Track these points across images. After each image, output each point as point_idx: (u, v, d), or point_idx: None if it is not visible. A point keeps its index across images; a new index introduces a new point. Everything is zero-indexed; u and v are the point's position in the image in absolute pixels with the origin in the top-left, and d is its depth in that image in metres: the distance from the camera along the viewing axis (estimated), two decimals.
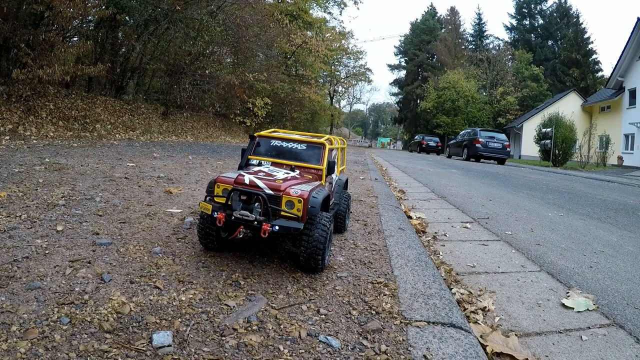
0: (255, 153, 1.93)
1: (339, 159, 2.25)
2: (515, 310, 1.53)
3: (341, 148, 2.39)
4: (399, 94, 52.19)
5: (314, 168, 1.84)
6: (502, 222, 3.17)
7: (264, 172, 1.63)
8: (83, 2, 7.66)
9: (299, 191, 1.47)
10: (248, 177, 1.52)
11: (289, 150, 1.90)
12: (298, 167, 1.83)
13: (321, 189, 1.63)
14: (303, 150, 1.90)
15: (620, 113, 22.34)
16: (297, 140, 1.94)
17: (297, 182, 1.58)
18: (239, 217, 1.44)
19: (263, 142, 1.95)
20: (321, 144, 1.89)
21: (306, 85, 22.98)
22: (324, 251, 1.50)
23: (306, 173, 1.80)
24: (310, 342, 1.07)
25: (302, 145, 1.91)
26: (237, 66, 15.65)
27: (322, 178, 1.81)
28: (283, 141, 1.94)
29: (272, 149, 1.93)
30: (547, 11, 43.76)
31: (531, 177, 8.69)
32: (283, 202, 1.46)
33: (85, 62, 9.18)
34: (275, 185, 1.48)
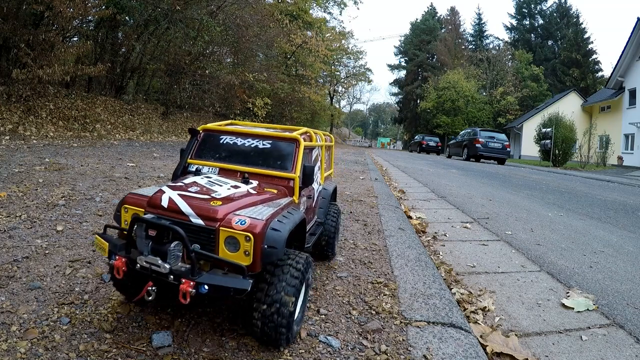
0: (198, 155, 1.38)
1: (324, 162, 1.74)
2: (515, 310, 1.53)
3: (327, 147, 1.88)
4: (399, 94, 52.17)
5: (282, 177, 1.27)
6: (502, 222, 3.17)
7: (199, 185, 1.11)
8: (83, 2, 7.66)
9: (247, 220, 0.94)
10: (169, 195, 1.02)
11: (246, 151, 1.35)
12: (257, 176, 1.27)
13: (290, 213, 1.10)
14: (267, 150, 1.33)
15: (620, 113, 22.33)
16: (258, 136, 1.37)
17: (249, 203, 1.06)
18: (145, 267, 0.91)
19: (210, 139, 1.41)
20: (294, 140, 1.34)
21: (306, 85, 22.98)
22: (292, 316, 0.98)
23: (270, 185, 1.25)
24: (310, 342, 1.07)
25: (265, 143, 1.35)
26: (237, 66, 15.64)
27: (295, 192, 1.25)
28: (238, 137, 1.38)
29: (223, 148, 1.37)
30: (547, 11, 43.76)
31: (531, 177, 8.69)
32: (221, 240, 0.94)
33: (85, 62, 9.17)
34: (209, 210, 0.96)
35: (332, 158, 2.09)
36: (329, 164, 2.01)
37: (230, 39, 13.97)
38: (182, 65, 12.26)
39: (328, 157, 1.97)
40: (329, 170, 1.97)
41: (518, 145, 29.08)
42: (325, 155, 1.84)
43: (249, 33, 14.43)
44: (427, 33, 47.42)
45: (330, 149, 2.04)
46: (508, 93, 35.73)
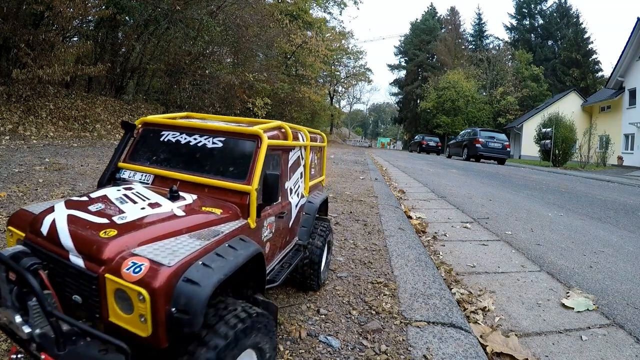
0: (132, 157, 1.08)
1: (308, 167, 1.38)
2: (515, 310, 1.53)
3: (316, 148, 1.58)
4: (399, 94, 52.17)
5: (232, 190, 0.93)
6: (502, 222, 3.17)
7: (107, 202, 0.83)
8: (83, 2, 7.67)
9: (144, 265, 0.64)
10: (54, 217, 0.74)
11: (190, 152, 1.02)
12: (199, 188, 0.95)
13: (232, 248, 0.77)
14: (217, 151, 1.00)
15: (620, 113, 22.33)
16: (208, 131, 1.04)
17: (165, 233, 0.75)
18: (3, 324, 0.66)
19: (150, 135, 1.09)
20: (253, 137, 0.99)
21: (306, 85, 22.98)
22: None
23: (215, 201, 0.92)
24: (310, 342, 1.07)
25: (216, 141, 1.01)
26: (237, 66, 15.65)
27: (250, 212, 0.91)
28: (183, 133, 1.05)
29: (163, 148, 1.05)
30: (547, 11, 43.76)
31: (531, 177, 8.69)
32: (109, 293, 0.64)
33: (85, 62, 9.17)
34: (92, 244, 0.68)
35: (324, 162, 1.71)
36: (320, 169, 1.66)
37: (230, 39, 13.97)
38: (182, 65, 12.26)
39: (319, 160, 1.65)
40: (318, 177, 1.61)
41: (518, 145, 29.07)
42: (314, 158, 1.53)
43: (249, 33, 14.44)
44: (427, 33, 47.42)
45: (322, 150, 1.67)
46: (508, 93, 35.74)
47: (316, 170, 1.60)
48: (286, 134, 1.18)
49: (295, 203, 1.27)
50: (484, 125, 33.22)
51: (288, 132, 1.18)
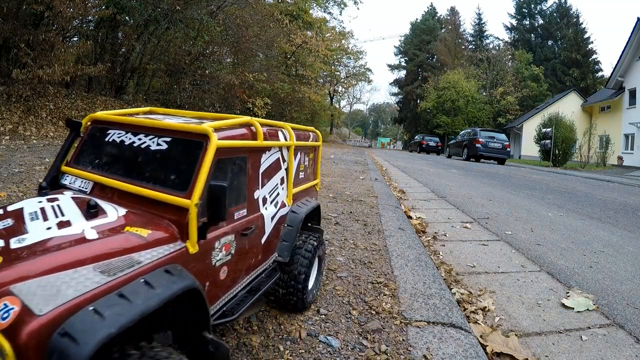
0: (77, 160, 0.93)
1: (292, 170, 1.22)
2: (515, 310, 1.53)
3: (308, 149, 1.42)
4: (399, 94, 52.17)
5: (169, 203, 0.76)
6: (502, 222, 3.17)
7: (17, 217, 0.70)
8: (83, 2, 7.67)
9: (14, 310, 0.51)
10: None
11: (133, 154, 0.86)
12: (132, 200, 0.79)
13: (148, 285, 0.62)
14: (161, 154, 0.83)
15: (620, 113, 22.34)
16: (153, 129, 0.87)
17: (64, 264, 0.59)
18: None
19: (98, 134, 0.94)
20: (201, 137, 0.81)
21: (306, 85, 22.98)
22: None
23: (149, 217, 0.76)
24: (310, 342, 1.07)
25: (160, 141, 0.85)
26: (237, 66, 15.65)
27: (190, 233, 0.74)
28: (129, 132, 0.89)
29: (107, 150, 0.90)
30: (547, 11, 43.76)
31: (531, 177, 8.69)
32: None
33: (85, 62, 9.17)
34: None
35: (319, 164, 1.56)
36: (313, 172, 1.52)
37: (230, 39, 13.97)
38: (182, 65, 12.26)
39: (312, 162, 1.50)
40: (310, 181, 1.47)
41: (518, 145, 29.07)
42: (304, 160, 1.39)
43: (249, 33, 14.44)
44: (427, 33, 47.42)
45: (316, 151, 1.52)
46: (508, 93, 35.75)
47: (307, 174, 1.44)
48: (256, 133, 0.98)
49: (272, 214, 1.09)
50: (484, 125, 33.22)
51: (258, 130, 0.98)
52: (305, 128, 1.44)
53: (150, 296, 0.59)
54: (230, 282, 0.91)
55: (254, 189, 1.01)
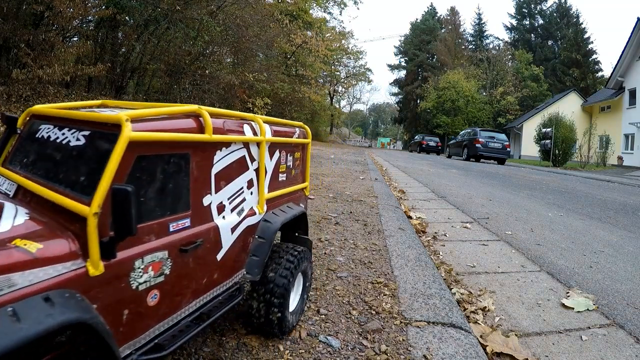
0: (11, 159, 0.85)
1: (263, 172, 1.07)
2: (515, 310, 1.53)
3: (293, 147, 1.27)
4: (399, 94, 52.19)
5: (70, 210, 0.63)
6: (502, 222, 3.17)
7: None
8: (83, 2, 7.67)
9: None
10: None
11: (55, 151, 0.75)
12: (49, 207, 0.67)
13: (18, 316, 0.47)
14: (77, 150, 0.72)
15: (620, 113, 22.34)
16: (76, 122, 0.76)
17: None
18: None
19: (32, 129, 0.85)
20: (113, 128, 0.67)
21: (306, 85, 22.99)
22: None
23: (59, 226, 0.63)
24: (310, 342, 1.07)
25: (80, 136, 0.73)
26: (237, 66, 15.66)
27: (90, 250, 0.59)
28: (56, 126, 0.79)
29: (35, 147, 0.82)
30: (547, 11, 43.77)
31: (531, 177, 8.69)
32: None
33: (85, 62, 9.17)
34: None
35: (308, 164, 1.39)
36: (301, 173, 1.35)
37: (230, 39, 13.98)
38: (182, 65, 12.26)
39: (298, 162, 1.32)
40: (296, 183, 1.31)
41: (518, 145, 29.08)
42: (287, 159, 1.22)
43: (249, 33, 14.44)
44: (427, 33, 47.43)
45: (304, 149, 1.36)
46: (508, 93, 35.75)
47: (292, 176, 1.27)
48: (202, 124, 0.81)
49: (232, 225, 0.92)
50: (484, 125, 33.23)
51: (207, 121, 0.81)
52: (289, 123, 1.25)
53: (8, 332, 0.45)
54: (167, 308, 0.75)
55: (203, 194, 0.83)
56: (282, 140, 1.17)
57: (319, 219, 2.51)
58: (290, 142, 1.24)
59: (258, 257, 1.00)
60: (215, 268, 0.88)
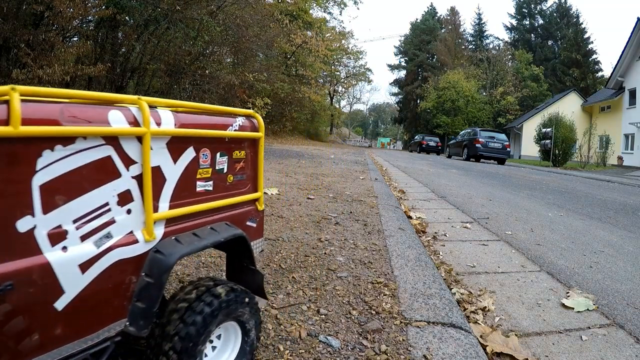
0: None
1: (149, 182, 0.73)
2: (515, 310, 1.53)
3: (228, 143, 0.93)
4: (399, 94, 52.21)
5: None
6: (502, 222, 3.17)
7: None
8: (83, 2, 7.68)
9: None
10: None
11: None
12: None
13: None
14: None
15: (620, 113, 22.35)
16: None
17: None
18: None
19: None
20: None
21: (306, 85, 23.01)
22: None
23: None
24: (310, 342, 1.07)
25: None
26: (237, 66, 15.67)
27: None
28: None
29: None
30: (547, 11, 43.79)
31: (531, 177, 8.69)
32: None
33: (85, 62, 9.18)
34: None
35: (260, 167, 1.04)
36: (251, 180, 1.02)
37: (230, 39, 13.98)
38: (182, 65, 12.27)
39: (242, 166, 0.98)
40: (238, 194, 0.97)
41: (518, 145, 29.09)
42: (217, 160, 0.90)
43: (249, 33, 14.45)
44: (427, 33, 47.45)
45: (255, 146, 1.01)
46: (508, 93, 35.78)
47: (228, 185, 0.94)
48: (8, 115, 0.54)
49: (82, 259, 0.64)
50: (484, 125, 33.25)
51: (13, 108, 0.53)
52: (220, 109, 0.93)
53: None
54: None
55: (16, 216, 0.57)
56: (199, 134, 0.84)
57: (319, 219, 2.51)
58: (221, 137, 0.90)
59: (144, 304, 0.69)
60: (54, 321, 0.62)
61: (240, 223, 0.97)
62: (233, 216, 0.96)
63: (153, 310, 0.70)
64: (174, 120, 0.78)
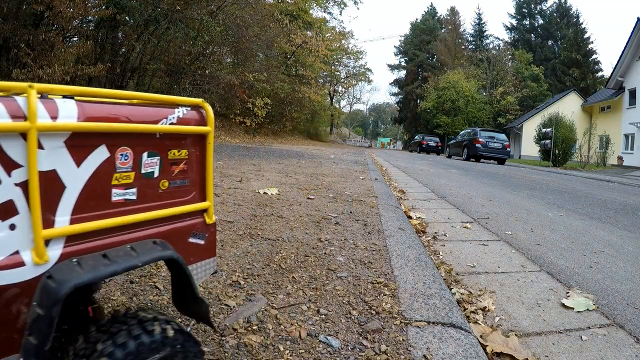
0: None
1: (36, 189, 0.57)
2: (515, 310, 1.53)
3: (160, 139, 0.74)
4: (399, 94, 52.21)
5: None
6: (502, 222, 3.17)
7: None
8: (83, 2, 7.68)
9: None
10: None
11: None
12: None
13: None
14: None
15: (620, 113, 22.35)
16: None
17: None
18: None
19: None
20: None
21: (306, 85, 23.00)
22: None
23: None
24: (310, 342, 1.07)
25: None
26: (237, 66, 15.67)
27: None
28: None
29: None
30: (547, 11, 43.80)
31: (531, 177, 8.69)
32: None
33: (85, 62, 9.18)
34: None
35: (209, 168, 0.84)
36: (196, 184, 0.83)
37: (230, 39, 13.99)
38: (182, 65, 12.27)
39: (183, 168, 0.80)
40: (178, 204, 0.79)
41: (518, 145, 29.08)
42: (150, 163, 0.73)
43: (249, 33, 14.45)
44: (427, 33, 47.45)
45: (200, 145, 0.82)
46: (508, 93, 35.78)
47: (162, 192, 0.76)
48: None
49: None
50: (484, 125, 33.25)
51: None
52: (149, 97, 0.76)
53: None
54: None
55: None
56: (115, 129, 0.67)
57: (319, 219, 2.51)
58: (150, 132, 0.72)
59: (36, 340, 0.57)
60: None
61: (179, 240, 0.79)
62: (169, 232, 0.77)
63: (45, 347, 0.56)
64: (77, 112, 0.63)
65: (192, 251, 0.83)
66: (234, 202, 2.77)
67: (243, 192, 3.24)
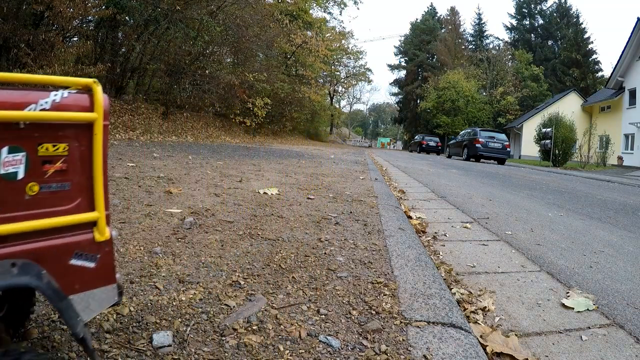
0: None
1: None
2: (515, 310, 1.53)
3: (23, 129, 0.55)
4: (399, 94, 52.21)
5: None
6: (502, 222, 3.17)
7: None
8: (83, 2, 7.68)
9: None
10: None
11: None
12: None
13: None
14: None
15: (620, 113, 22.34)
16: None
17: None
18: None
19: None
20: None
21: (306, 85, 23.01)
22: None
23: None
24: (310, 342, 1.07)
25: None
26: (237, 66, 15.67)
27: None
28: None
29: None
30: (547, 11, 43.80)
31: (531, 177, 8.69)
32: None
33: (85, 62, 9.19)
34: None
35: (98, 168, 0.64)
36: (77, 190, 0.63)
37: (230, 39, 13.99)
38: (182, 65, 12.26)
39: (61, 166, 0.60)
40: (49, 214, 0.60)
41: (518, 145, 29.08)
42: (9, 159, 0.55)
43: (249, 33, 14.45)
44: (427, 33, 47.46)
45: (88, 136, 0.62)
46: (508, 93, 35.79)
47: (32, 197, 0.59)
48: None
49: None
50: (484, 125, 33.25)
51: None
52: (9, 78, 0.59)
53: None
54: None
55: None
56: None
57: (319, 219, 2.51)
58: (9, 120, 0.55)
59: None
60: None
61: (55, 262, 0.61)
62: (38, 250, 0.59)
63: None
64: None
65: (75, 277, 0.63)
66: (234, 202, 2.77)
67: (243, 192, 3.24)
